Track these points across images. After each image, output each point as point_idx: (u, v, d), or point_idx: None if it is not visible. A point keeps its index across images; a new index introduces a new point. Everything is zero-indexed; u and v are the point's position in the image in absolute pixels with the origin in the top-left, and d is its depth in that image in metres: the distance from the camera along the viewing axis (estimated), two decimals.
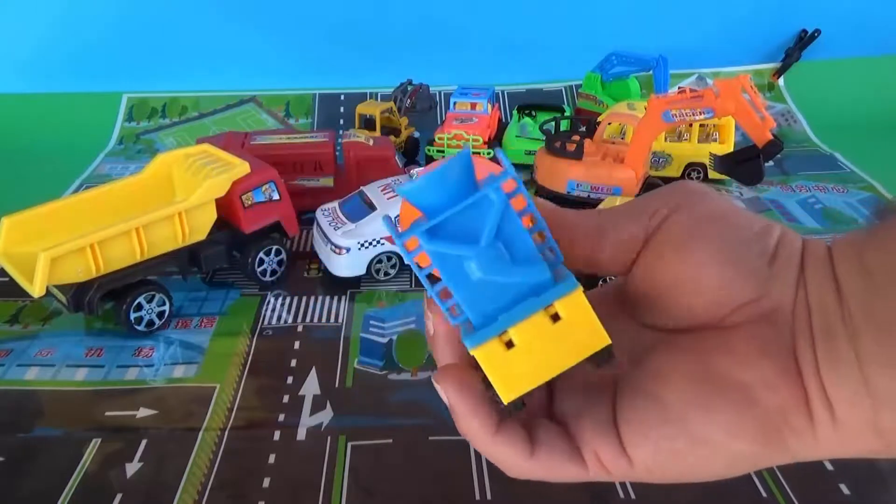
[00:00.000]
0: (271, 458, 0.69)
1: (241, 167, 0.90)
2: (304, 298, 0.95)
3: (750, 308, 0.26)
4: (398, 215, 0.27)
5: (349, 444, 0.70)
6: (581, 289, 0.24)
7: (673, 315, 0.27)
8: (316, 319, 0.90)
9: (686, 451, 0.25)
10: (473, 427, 0.26)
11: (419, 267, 0.24)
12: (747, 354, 0.25)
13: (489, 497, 0.64)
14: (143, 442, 0.71)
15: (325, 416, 0.74)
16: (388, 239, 0.95)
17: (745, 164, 1.06)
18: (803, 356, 0.24)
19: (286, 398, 0.77)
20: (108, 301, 0.85)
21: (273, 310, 0.92)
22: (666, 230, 0.27)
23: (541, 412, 0.29)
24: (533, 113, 1.43)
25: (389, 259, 0.97)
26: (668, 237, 0.27)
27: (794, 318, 0.25)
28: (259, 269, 0.96)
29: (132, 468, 0.68)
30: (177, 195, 0.94)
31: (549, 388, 0.30)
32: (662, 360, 0.27)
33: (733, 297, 0.26)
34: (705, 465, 0.26)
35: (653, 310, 0.28)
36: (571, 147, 1.13)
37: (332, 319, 0.90)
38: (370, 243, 0.95)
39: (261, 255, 0.95)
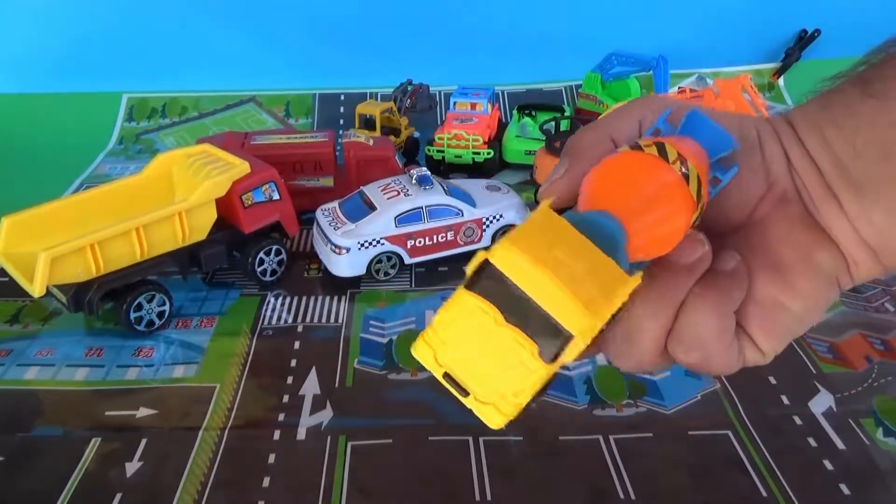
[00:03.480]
0: (271, 458, 0.69)
1: (241, 167, 0.90)
2: (304, 298, 0.95)
3: (768, 198, 0.31)
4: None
5: (349, 444, 0.70)
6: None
7: (708, 226, 0.31)
8: (316, 319, 0.90)
9: (795, 324, 0.30)
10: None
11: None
12: (793, 232, 0.30)
13: (489, 497, 0.64)
14: (143, 441, 0.71)
15: (325, 415, 0.74)
16: (388, 239, 0.95)
17: None
18: (819, 220, 0.30)
19: (286, 398, 0.77)
20: (108, 301, 0.85)
21: (273, 310, 0.92)
22: None
23: None
24: (533, 113, 1.43)
25: (389, 259, 0.97)
26: None
27: (798, 193, 0.30)
28: (259, 269, 0.96)
29: (132, 468, 0.68)
30: (177, 195, 0.94)
31: None
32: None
33: (752, 193, 0.31)
34: (806, 326, 0.31)
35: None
36: None
37: (332, 319, 0.90)
38: (370, 243, 0.95)
39: (261, 255, 0.95)
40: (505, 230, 1.01)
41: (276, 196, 0.95)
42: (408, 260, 0.98)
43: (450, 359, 0.26)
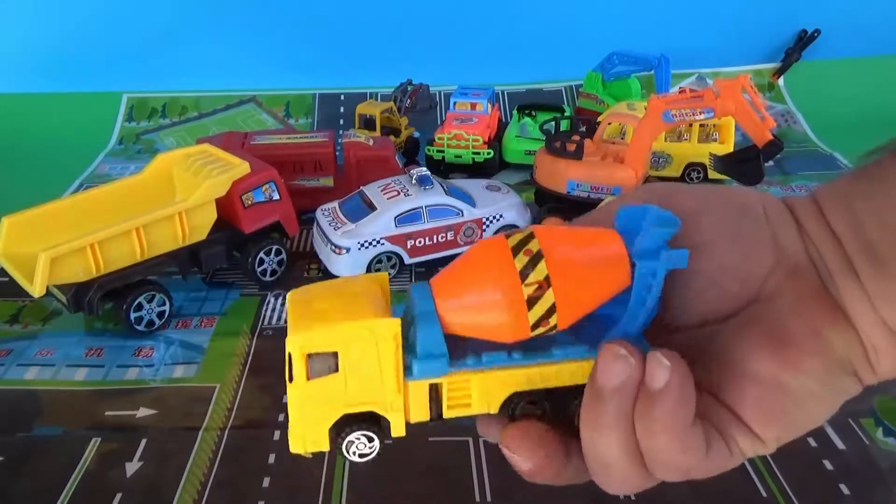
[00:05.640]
0: (271, 458, 0.69)
1: (241, 167, 0.90)
2: None
3: (777, 272, 0.28)
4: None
5: None
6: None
7: (713, 302, 0.29)
8: None
9: (796, 410, 0.27)
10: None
11: None
12: (803, 304, 0.27)
13: (489, 498, 0.64)
14: (143, 441, 0.71)
15: None
16: (388, 239, 0.95)
17: (745, 164, 1.06)
18: (835, 295, 0.27)
19: (286, 398, 0.77)
20: (108, 301, 0.85)
21: (273, 310, 0.92)
22: None
23: None
24: (533, 113, 1.43)
25: (389, 259, 0.97)
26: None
27: (815, 267, 0.28)
28: (259, 269, 0.96)
29: (132, 467, 0.68)
30: (177, 195, 0.94)
31: None
32: (734, 344, 0.28)
33: (758, 268, 0.28)
34: (812, 416, 0.28)
35: (694, 302, 0.29)
36: (571, 147, 1.13)
37: None
38: (370, 243, 0.95)
39: (261, 255, 0.95)
40: (505, 230, 1.01)
41: (276, 196, 0.95)
42: (408, 260, 0.98)
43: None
